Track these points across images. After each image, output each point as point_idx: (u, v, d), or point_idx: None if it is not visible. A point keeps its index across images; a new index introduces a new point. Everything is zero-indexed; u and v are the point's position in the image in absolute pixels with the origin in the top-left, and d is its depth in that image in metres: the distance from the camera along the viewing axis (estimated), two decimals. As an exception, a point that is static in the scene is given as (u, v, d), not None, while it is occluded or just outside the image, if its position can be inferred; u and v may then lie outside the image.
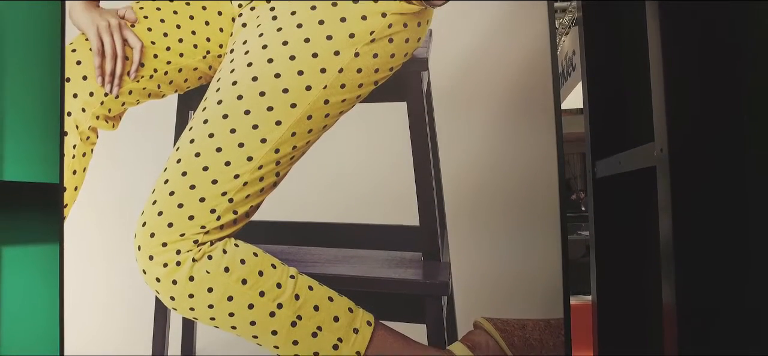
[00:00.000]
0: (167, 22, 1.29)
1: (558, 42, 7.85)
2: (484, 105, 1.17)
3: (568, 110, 6.38)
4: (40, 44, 1.59)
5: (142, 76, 1.30)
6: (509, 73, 1.17)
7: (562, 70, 6.56)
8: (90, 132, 1.36)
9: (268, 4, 1.19)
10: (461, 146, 1.18)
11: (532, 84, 1.20)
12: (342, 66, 1.13)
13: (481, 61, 1.17)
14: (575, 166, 8.82)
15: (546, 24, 1.15)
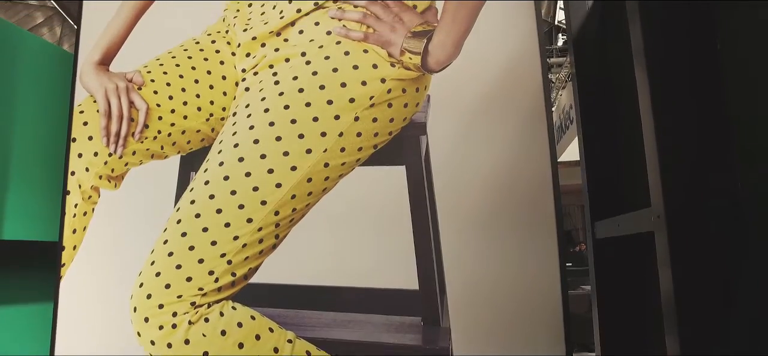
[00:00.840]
0: (173, 86, 1.33)
1: (555, 96, 8.04)
2: (482, 170, 1.19)
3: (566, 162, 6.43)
4: (50, 103, 1.63)
5: (146, 137, 1.32)
6: (506, 136, 1.19)
7: (560, 123, 6.66)
8: (92, 191, 1.37)
9: (270, 70, 1.24)
10: (461, 210, 1.19)
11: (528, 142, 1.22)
12: (342, 130, 1.16)
13: (478, 126, 1.20)
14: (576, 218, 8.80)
15: (541, 92, 1.19)
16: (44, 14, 9.25)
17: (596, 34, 1.45)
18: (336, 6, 1.23)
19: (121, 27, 1.42)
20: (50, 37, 9.68)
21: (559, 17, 7.73)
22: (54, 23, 9.47)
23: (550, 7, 8.32)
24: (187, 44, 1.36)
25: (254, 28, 1.28)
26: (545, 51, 1.21)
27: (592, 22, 1.50)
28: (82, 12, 1.54)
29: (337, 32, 1.20)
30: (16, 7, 8.93)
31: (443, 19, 1.18)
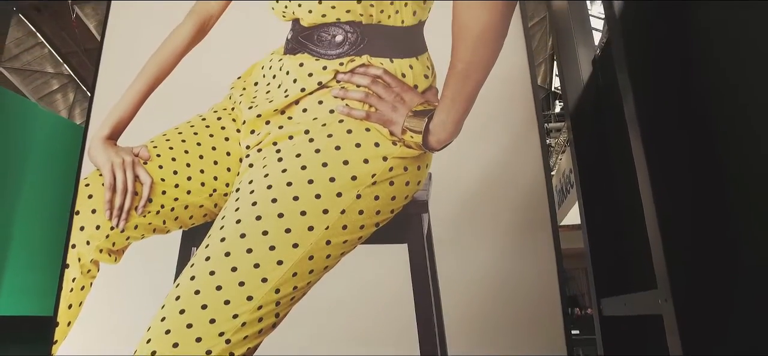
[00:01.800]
0: (178, 161, 1.35)
1: (554, 160, 8.13)
2: (484, 246, 1.18)
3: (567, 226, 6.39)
4: (57, 175, 1.65)
5: (149, 211, 1.33)
6: (507, 216, 1.20)
7: (561, 187, 6.67)
8: (92, 265, 1.36)
9: (274, 147, 1.26)
10: (462, 286, 1.17)
11: (530, 218, 1.22)
12: (344, 207, 1.16)
13: (480, 203, 1.21)
14: (580, 282, 8.62)
15: (541, 166, 1.20)
16: (59, 82, 9.59)
17: (593, 102, 1.50)
18: (339, 85, 1.27)
19: (131, 104, 1.47)
20: (63, 102, 9.98)
21: (555, 83, 7.96)
22: (68, 89, 9.79)
23: (547, 74, 8.60)
24: (194, 121, 1.39)
25: (259, 106, 1.31)
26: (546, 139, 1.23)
27: (589, 92, 1.55)
28: (97, 81, 1.59)
29: (340, 111, 1.24)
30: (34, 74, 9.28)
31: (443, 99, 1.21)
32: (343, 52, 1.29)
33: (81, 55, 8.86)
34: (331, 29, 1.32)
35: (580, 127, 1.48)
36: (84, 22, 8.31)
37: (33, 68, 9.09)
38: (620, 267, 1.21)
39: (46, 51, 9.11)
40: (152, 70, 1.49)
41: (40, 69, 9.21)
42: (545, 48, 7.88)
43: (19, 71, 9.02)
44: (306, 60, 1.31)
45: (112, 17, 1.70)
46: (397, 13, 1.30)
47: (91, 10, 8.30)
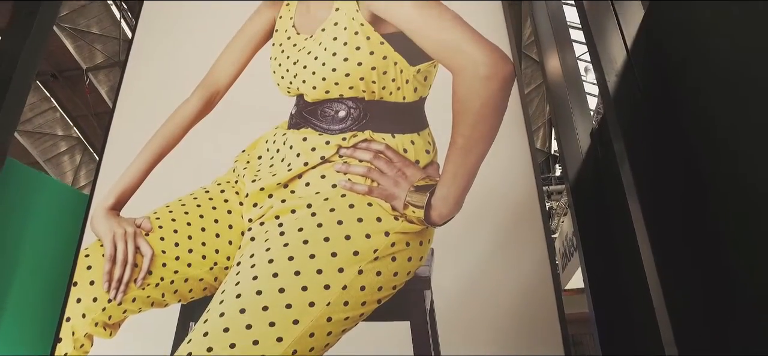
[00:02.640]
0: (180, 232, 1.35)
1: (557, 224, 8.10)
2: (488, 323, 1.16)
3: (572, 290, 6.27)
4: (58, 245, 1.64)
5: (148, 284, 1.31)
6: (511, 292, 1.18)
7: (564, 250, 6.60)
8: (85, 340, 1.33)
9: (276, 221, 1.26)
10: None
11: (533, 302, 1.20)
12: (346, 283, 1.15)
13: (483, 279, 1.19)
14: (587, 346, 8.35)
15: (545, 249, 1.20)
16: (68, 144, 9.78)
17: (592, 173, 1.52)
18: (341, 160, 1.29)
19: (136, 175, 1.49)
20: (70, 163, 10.13)
21: (554, 146, 8.07)
22: (75, 152, 9.97)
23: (545, 138, 8.73)
24: (197, 193, 1.40)
25: (262, 180, 1.33)
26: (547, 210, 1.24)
27: (588, 164, 1.58)
28: (106, 146, 1.62)
29: (343, 185, 1.25)
30: (43, 137, 9.48)
31: (445, 173, 1.23)
32: (346, 127, 1.32)
33: (91, 118, 9.10)
34: (335, 105, 1.36)
35: (580, 197, 1.50)
36: (96, 87, 8.60)
37: (43, 131, 9.30)
38: (626, 331, 1.19)
39: (58, 115, 9.37)
40: (159, 142, 1.52)
41: (50, 132, 9.42)
42: (543, 113, 8.07)
43: (30, 134, 9.23)
44: (309, 135, 1.34)
45: (126, 84, 1.75)
46: (399, 90, 1.35)
47: (104, 76, 8.61)
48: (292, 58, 1.47)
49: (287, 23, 1.56)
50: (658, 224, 0.90)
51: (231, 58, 1.57)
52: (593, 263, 1.30)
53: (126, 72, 1.77)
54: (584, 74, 5.89)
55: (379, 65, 1.37)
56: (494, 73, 1.33)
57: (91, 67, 8.40)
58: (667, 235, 0.88)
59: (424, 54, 1.37)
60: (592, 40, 1.11)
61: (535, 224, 1.26)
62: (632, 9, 1.19)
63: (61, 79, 8.49)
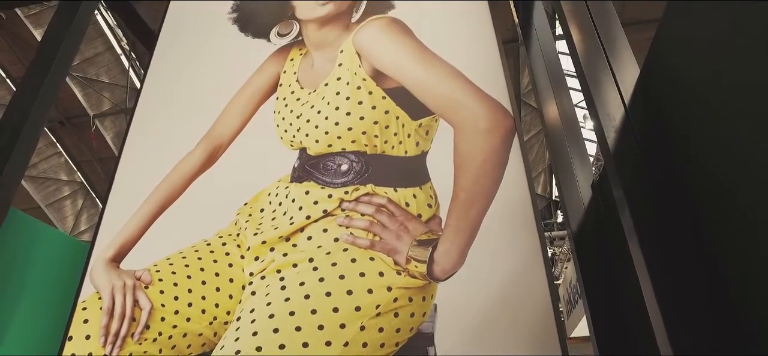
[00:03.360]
0: (180, 286, 1.34)
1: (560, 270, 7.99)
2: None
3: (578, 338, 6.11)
4: (56, 296, 1.62)
5: (146, 338, 1.29)
6: (516, 345, 1.15)
7: (569, 297, 6.49)
8: (79, 397, 1.29)
9: (277, 274, 1.25)
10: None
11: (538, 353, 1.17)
12: (348, 339, 1.13)
13: (486, 334, 1.17)
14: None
15: (549, 304, 1.18)
16: (71, 188, 9.83)
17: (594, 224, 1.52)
18: (344, 214, 1.29)
19: (138, 227, 1.49)
20: (71, 208, 10.14)
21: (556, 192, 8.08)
22: (77, 196, 10.00)
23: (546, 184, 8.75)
24: (199, 246, 1.40)
25: (264, 233, 1.33)
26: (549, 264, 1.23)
27: (590, 215, 1.58)
28: (110, 194, 1.63)
29: (345, 239, 1.25)
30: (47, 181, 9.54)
31: (447, 228, 1.23)
32: (348, 181, 1.33)
33: (95, 163, 9.18)
34: (337, 158, 1.37)
35: (583, 247, 1.50)
36: (102, 133, 8.72)
37: (47, 176, 9.36)
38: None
39: (63, 160, 9.46)
40: (162, 194, 1.53)
41: (54, 177, 9.49)
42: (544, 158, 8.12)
43: (34, 178, 9.29)
44: (312, 188, 1.35)
45: (132, 133, 1.78)
46: (401, 144, 1.36)
47: (110, 122, 8.75)
48: (295, 112, 1.49)
49: (291, 78, 1.60)
50: (661, 271, 0.91)
51: (235, 111, 1.60)
52: (598, 311, 1.29)
53: (133, 121, 1.80)
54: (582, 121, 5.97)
55: (381, 119, 1.39)
56: (495, 126, 1.35)
57: (98, 113, 8.56)
58: (670, 281, 0.89)
59: (426, 108, 1.39)
60: (591, 97, 1.14)
61: (539, 276, 1.24)
62: (627, 65, 1.23)
63: (68, 126, 8.63)
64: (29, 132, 1.75)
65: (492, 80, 1.47)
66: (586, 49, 1.24)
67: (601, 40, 1.25)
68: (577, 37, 1.27)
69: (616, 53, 1.25)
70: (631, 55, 1.26)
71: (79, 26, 2.14)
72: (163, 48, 2.01)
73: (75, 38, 2.12)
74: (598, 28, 1.26)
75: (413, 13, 1.68)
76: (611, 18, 1.30)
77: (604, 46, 1.26)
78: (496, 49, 1.55)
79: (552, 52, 2.24)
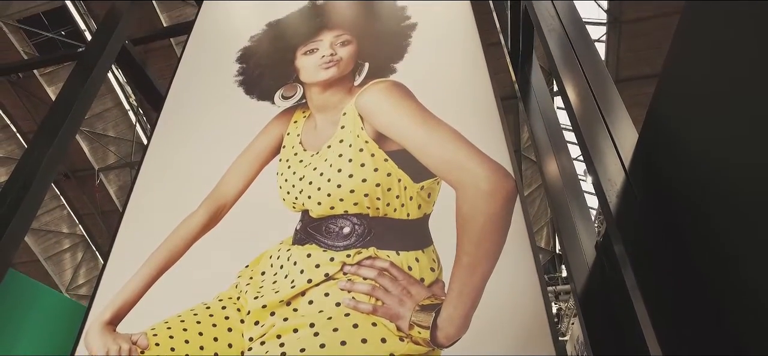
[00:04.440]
0: (177, 350, 1.30)
1: (567, 326, 7.79)
2: None
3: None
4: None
5: (140, 407, 1.24)
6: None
7: (576, 354, 6.32)
8: None
9: (278, 340, 1.22)
10: None
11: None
12: (348, 412, 1.08)
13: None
14: None
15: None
16: (71, 241, 9.78)
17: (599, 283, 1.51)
18: (346, 278, 1.28)
19: (137, 289, 1.47)
20: (71, 261, 10.06)
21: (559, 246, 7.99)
22: (77, 250, 9.93)
23: (549, 237, 8.68)
24: (198, 309, 1.37)
25: (265, 297, 1.31)
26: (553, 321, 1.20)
27: (594, 275, 1.56)
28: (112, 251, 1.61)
29: (347, 304, 1.23)
30: (48, 234, 9.52)
31: (450, 292, 1.21)
32: (351, 244, 1.33)
33: (97, 217, 9.19)
34: (339, 221, 1.37)
35: (589, 306, 1.49)
36: (106, 187, 8.78)
37: (49, 229, 9.34)
38: None
39: (66, 212, 9.47)
40: (163, 254, 1.52)
41: (55, 229, 9.47)
42: (545, 213, 8.10)
43: (35, 231, 9.27)
44: (314, 251, 1.34)
45: (136, 194, 1.79)
46: (403, 207, 1.36)
47: (114, 176, 8.83)
48: (298, 174, 1.51)
49: (294, 139, 1.63)
50: (665, 327, 0.92)
51: (239, 172, 1.61)
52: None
53: (138, 178, 1.82)
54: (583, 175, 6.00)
55: (383, 182, 1.40)
56: (496, 189, 1.36)
57: (103, 167, 8.65)
58: (675, 336, 0.90)
59: (428, 171, 1.40)
60: (592, 163, 1.15)
61: (545, 340, 1.20)
62: (625, 128, 1.25)
63: (73, 179, 8.70)
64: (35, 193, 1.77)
65: (492, 140, 1.48)
66: (584, 113, 1.26)
67: (599, 104, 1.28)
68: (575, 101, 1.30)
69: (614, 116, 1.27)
70: (627, 118, 1.28)
71: (93, 86, 2.21)
72: (170, 109, 2.06)
73: (88, 98, 2.18)
74: (595, 94, 1.29)
75: (415, 76, 1.72)
76: (607, 82, 1.33)
77: (602, 110, 1.28)
78: (495, 109, 1.57)
79: (550, 109, 2.29)
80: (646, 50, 7.19)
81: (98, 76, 2.24)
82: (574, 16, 1.53)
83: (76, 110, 2.06)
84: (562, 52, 1.40)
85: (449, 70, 1.74)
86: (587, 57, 1.37)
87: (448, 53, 1.80)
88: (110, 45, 2.27)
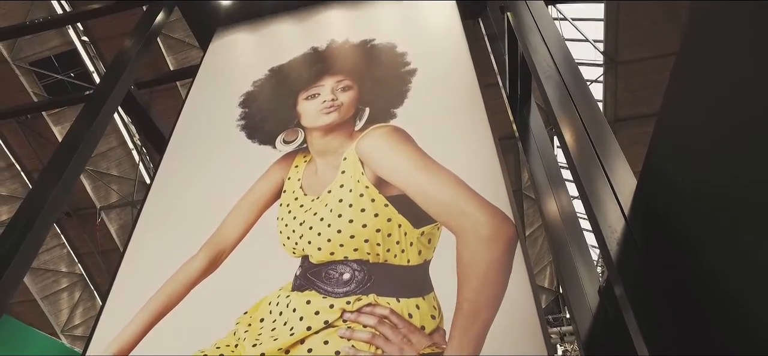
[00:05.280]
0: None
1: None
2: None
3: None
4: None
5: None
6: None
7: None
8: None
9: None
10: None
11: None
12: None
13: None
14: None
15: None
16: (69, 280, 9.67)
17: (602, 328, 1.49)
18: (345, 325, 1.26)
19: (135, 334, 1.45)
20: (68, 301, 9.92)
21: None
22: (75, 289, 9.81)
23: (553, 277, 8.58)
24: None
25: (263, 344, 1.28)
26: None
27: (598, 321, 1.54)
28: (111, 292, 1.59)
29: (346, 353, 1.20)
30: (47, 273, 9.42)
31: (451, 340, 1.18)
32: (351, 290, 1.31)
33: (97, 256, 9.12)
34: (339, 267, 1.36)
35: (593, 352, 1.47)
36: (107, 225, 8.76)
37: (47, 268, 9.27)
38: None
39: (65, 251, 9.41)
40: (161, 300, 1.50)
41: (54, 268, 9.39)
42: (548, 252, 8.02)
43: (34, 270, 9.19)
44: (313, 297, 1.33)
45: (138, 231, 1.78)
46: (403, 253, 1.36)
47: (116, 215, 8.82)
48: (298, 219, 1.51)
49: (295, 184, 1.64)
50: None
51: (239, 217, 1.62)
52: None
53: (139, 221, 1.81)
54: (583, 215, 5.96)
55: (383, 227, 1.40)
56: (497, 234, 1.35)
57: (105, 205, 8.66)
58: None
59: (428, 216, 1.40)
60: (593, 212, 1.15)
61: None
62: (623, 176, 1.26)
63: (74, 217, 8.69)
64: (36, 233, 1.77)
65: (491, 184, 1.49)
66: (582, 161, 1.27)
67: (597, 151, 1.29)
68: (573, 150, 1.30)
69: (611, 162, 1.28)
70: (625, 164, 1.29)
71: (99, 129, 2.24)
72: (174, 151, 2.08)
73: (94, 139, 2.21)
74: (593, 141, 1.30)
75: (415, 121, 1.75)
76: (604, 130, 1.35)
77: (600, 157, 1.29)
78: (494, 153, 1.58)
79: (549, 151, 2.31)
80: (643, 90, 7.30)
81: (104, 119, 2.27)
82: (571, 64, 1.57)
83: (82, 150, 2.08)
84: (559, 100, 1.43)
85: (448, 116, 1.77)
86: (584, 105, 1.39)
87: (447, 99, 1.83)
88: (117, 89, 2.32)
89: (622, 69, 7.29)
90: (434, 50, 2.09)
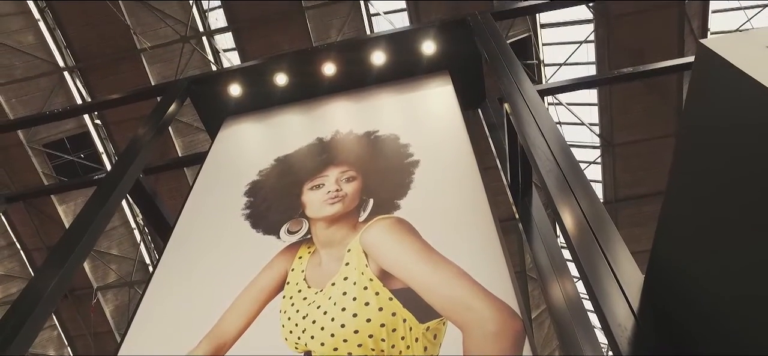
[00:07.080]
0: None
1: None
2: None
3: None
4: None
5: None
6: None
7: None
8: None
9: None
10: None
11: None
12: None
13: None
14: None
15: None
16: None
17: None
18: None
19: None
20: None
21: None
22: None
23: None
24: None
25: None
26: None
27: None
28: None
29: None
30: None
31: None
32: (354, 391, 1.27)
33: (89, 338, 8.81)
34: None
35: None
36: (102, 306, 8.55)
37: (35, 352, 8.92)
38: None
39: (56, 334, 9.11)
40: (157, 400, 1.44)
41: (41, 352, 9.04)
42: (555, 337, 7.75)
43: (21, 354, 8.83)
44: (315, 398, 1.28)
45: (138, 318, 1.74)
46: (408, 349, 1.32)
47: (112, 295, 8.64)
48: (301, 313, 1.48)
49: (299, 276, 1.63)
50: None
51: (241, 309, 1.59)
52: None
53: (139, 309, 1.78)
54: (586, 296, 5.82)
55: (388, 322, 1.37)
56: (503, 329, 1.33)
57: (102, 286, 8.51)
58: None
59: (434, 311, 1.38)
60: (602, 311, 1.15)
61: None
62: (627, 267, 1.26)
63: (70, 298, 8.51)
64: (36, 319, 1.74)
65: (496, 276, 1.47)
66: (587, 255, 1.28)
67: (601, 245, 1.30)
68: (576, 242, 1.32)
69: (615, 254, 1.28)
70: (629, 258, 1.29)
71: (107, 214, 2.26)
72: (178, 238, 2.08)
73: (102, 225, 2.22)
74: (597, 235, 1.31)
75: (418, 212, 1.77)
76: (606, 223, 1.36)
77: (604, 250, 1.30)
78: (498, 244, 1.59)
79: (551, 236, 2.31)
80: (640, 171, 7.42)
81: (113, 205, 2.30)
82: (569, 156, 1.61)
83: (89, 235, 2.08)
84: (560, 192, 1.46)
85: (451, 207, 1.79)
86: (585, 198, 1.42)
87: (450, 191, 1.86)
88: (127, 176, 2.37)
89: (618, 150, 7.46)
90: (436, 142, 2.16)
